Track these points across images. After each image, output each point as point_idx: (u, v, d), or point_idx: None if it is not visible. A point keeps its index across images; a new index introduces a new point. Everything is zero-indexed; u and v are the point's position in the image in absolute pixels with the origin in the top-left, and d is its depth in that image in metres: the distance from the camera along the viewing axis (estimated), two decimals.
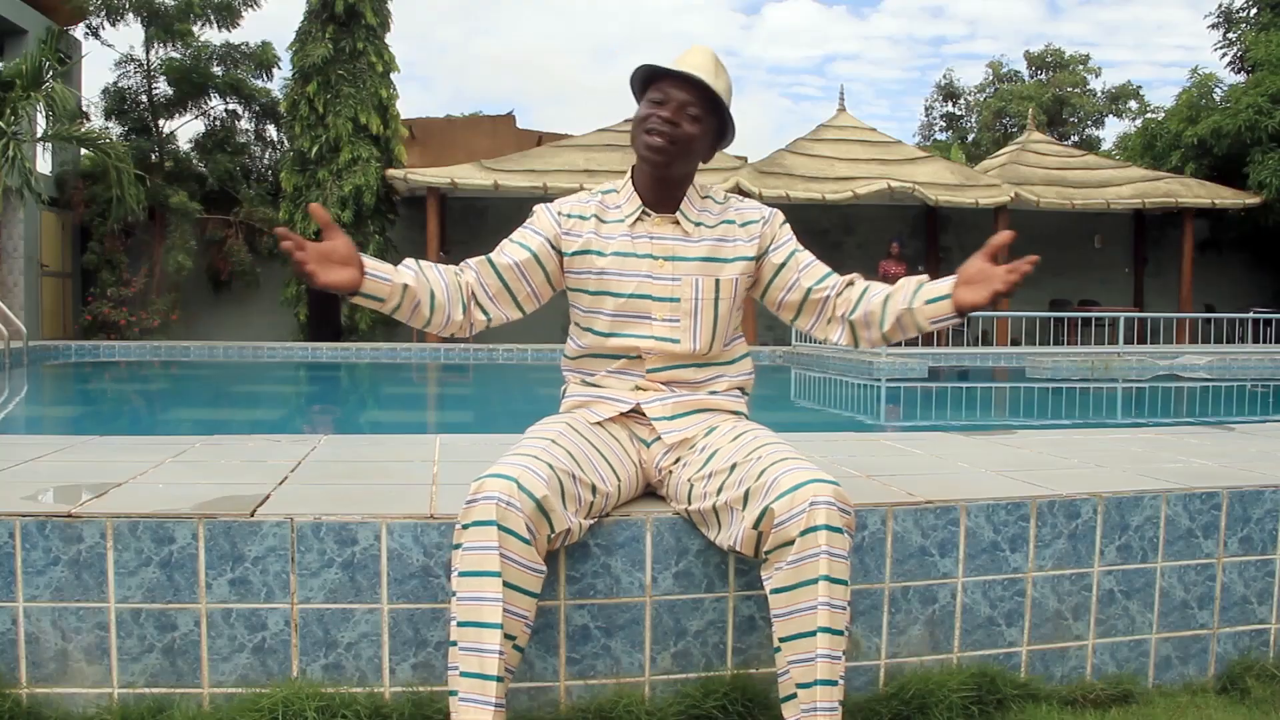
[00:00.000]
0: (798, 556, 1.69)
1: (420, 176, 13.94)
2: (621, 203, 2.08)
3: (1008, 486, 2.25)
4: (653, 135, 1.95)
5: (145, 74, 15.32)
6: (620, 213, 2.07)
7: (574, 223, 2.07)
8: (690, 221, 2.05)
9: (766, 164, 14.71)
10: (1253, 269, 17.57)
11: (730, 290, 2.06)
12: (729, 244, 2.06)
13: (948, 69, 42.89)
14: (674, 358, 2.06)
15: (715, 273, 2.05)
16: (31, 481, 2.17)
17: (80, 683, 1.86)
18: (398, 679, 1.91)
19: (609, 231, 2.06)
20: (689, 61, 1.97)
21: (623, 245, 2.04)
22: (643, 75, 2.01)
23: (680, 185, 2.06)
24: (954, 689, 1.99)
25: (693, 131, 1.96)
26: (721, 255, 2.05)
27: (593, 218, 2.07)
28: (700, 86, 1.95)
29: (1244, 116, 15.26)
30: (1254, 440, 3.12)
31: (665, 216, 2.06)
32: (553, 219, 2.08)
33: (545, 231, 2.07)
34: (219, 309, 15.49)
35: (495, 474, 1.72)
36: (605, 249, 2.05)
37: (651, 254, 2.04)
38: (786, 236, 2.11)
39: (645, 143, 1.97)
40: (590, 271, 2.05)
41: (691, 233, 2.05)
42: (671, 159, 1.97)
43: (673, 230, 2.05)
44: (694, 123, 1.96)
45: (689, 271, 2.04)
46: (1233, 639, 2.29)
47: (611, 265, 2.04)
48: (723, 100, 1.99)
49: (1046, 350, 12.15)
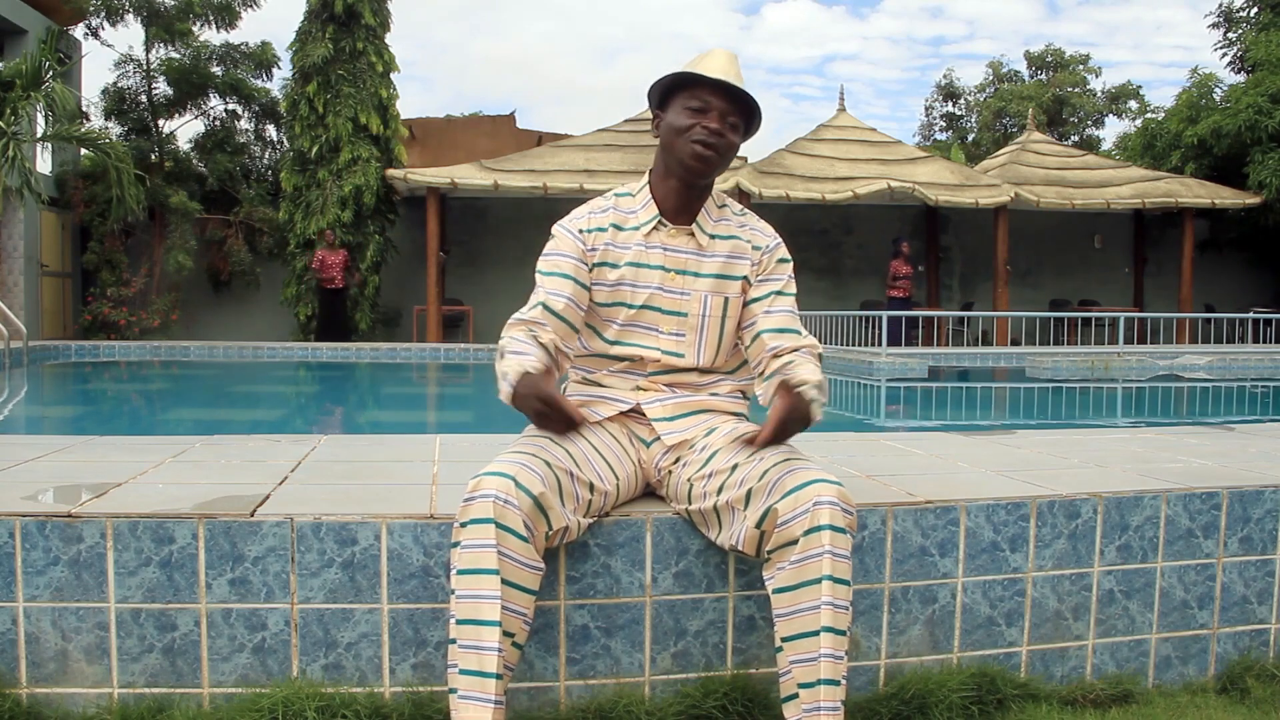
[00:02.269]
0: (801, 556, 1.69)
1: (420, 176, 13.94)
2: (638, 208, 2.05)
3: (1008, 486, 2.25)
4: (700, 146, 1.92)
5: (145, 74, 15.33)
6: (636, 219, 2.05)
7: (593, 237, 2.04)
8: (705, 234, 2.04)
9: (766, 164, 14.71)
10: (1253, 269, 17.58)
11: (737, 309, 2.05)
12: (739, 262, 2.04)
13: (948, 69, 42.87)
14: (677, 368, 2.06)
15: (724, 290, 2.03)
16: (31, 481, 2.17)
17: (80, 683, 1.86)
18: (398, 679, 1.91)
19: (624, 240, 2.04)
20: (717, 66, 1.93)
21: (637, 255, 2.03)
22: (675, 81, 1.97)
23: (703, 196, 2.04)
24: (954, 689, 1.99)
25: (735, 140, 1.96)
26: (732, 273, 2.04)
27: (610, 228, 2.05)
28: (737, 94, 1.94)
29: (1244, 116, 15.26)
30: (1254, 440, 3.11)
31: (681, 228, 2.04)
32: (574, 239, 2.04)
33: (573, 253, 2.02)
34: (219, 309, 15.50)
35: (492, 472, 1.72)
36: (620, 260, 2.03)
37: (664, 266, 2.02)
38: (779, 275, 2.06)
39: (693, 153, 1.93)
40: (604, 283, 2.03)
41: (705, 246, 2.03)
42: (713, 170, 1.96)
43: (687, 242, 2.04)
44: (735, 131, 1.96)
45: (700, 288, 2.02)
46: (1233, 639, 2.29)
47: (626, 276, 2.02)
48: (759, 108, 1.97)
49: (1046, 350, 12.15)
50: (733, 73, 1.94)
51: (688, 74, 1.94)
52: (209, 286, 15.33)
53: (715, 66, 1.94)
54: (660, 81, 1.99)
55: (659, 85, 2.00)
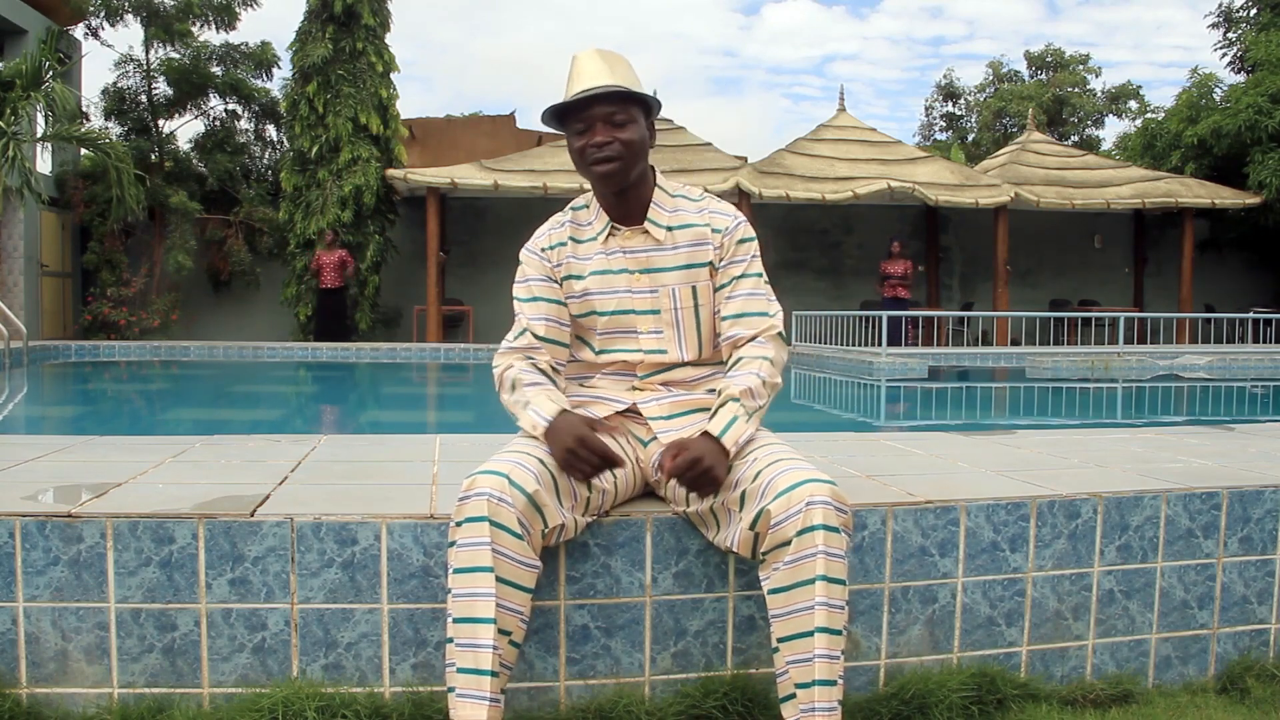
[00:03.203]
0: (794, 557, 1.69)
1: (420, 176, 13.94)
2: (592, 219, 2.07)
3: (1008, 486, 2.25)
4: (598, 164, 1.94)
5: (145, 74, 15.32)
6: (592, 229, 2.06)
7: (555, 253, 2.07)
8: (661, 228, 2.03)
9: (766, 164, 14.71)
10: (1253, 269, 17.57)
11: (709, 295, 2.05)
12: (703, 248, 2.04)
13: (948, 69, 42.89)
14: (665, 365, 2.06)
15: (693, 279, 2.03)
16: (31, 481, 2.17)
17: (80, 683, 1.86)
18: (398, 679, 1.91)
19: (584, 252, 2.06)
20: (584, 74, 1.93)
21: (599, 263, 2.04)
22: (554, 114, 1.99)
23: (642, 191, 2.03)
24: (954, 689, 1.99)
25: (629, 136, 1.94)
26: (697, 260, 2.04)
27: (569, 241, 2.07)
28: (610, 93, 1.92)
29: (1244, 116, 15.26)
30: (1254, 440, 3.11)
31: (635, 228, 2.04)
32: (539, 259, 2.07)
33: (540, 275, 2.06)
34: (219, 309, 15.49)
35: (486, 470, 1.73)
36: (583, 271, 2.04)
37: (627, 268, 2.03)
38: (740, 256, 2.04)
39: (596, 174, 1.95)
40: (574, 295, 2.05)
41: (664, 240, 2.03)
42: (627, 171, 1.96)
43: (644, 241, 2.04)
44: (624, 127, 1.94)
45: (666, 282, 2.03)
46: (1233, 639, 2.29)
47: (592, 285, 2.04)
48: (633, 89, 1.94)
49: (1046, 350, 12.14)
50: (600, 72, 1.92)
51: (558, 104, 1.95)
52: (209, 286, 15.33)
53: (582, 76, 1.93)
54: (545, 116, 2.01)
55: (549, 120, 2.02)
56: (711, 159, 14.95)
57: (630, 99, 1.95)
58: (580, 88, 1.92)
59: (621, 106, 1.94)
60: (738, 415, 1.86)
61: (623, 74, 1.94)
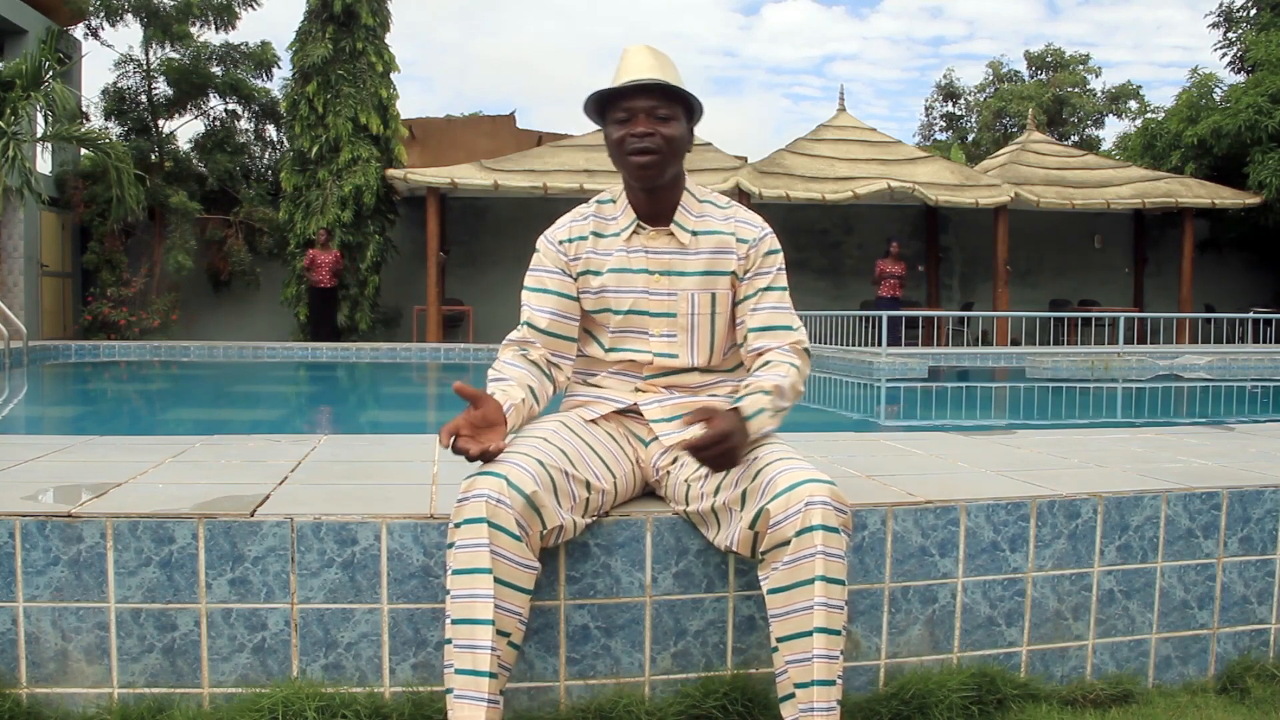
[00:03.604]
0: (793, 557, 1.69)
1: (420, 176, 13.94)
2: (618, 214, 2.06)
3: (1008, 486, 2.25)
4: (636, 155, 1.93)
5: (145, 74, 15.32)
6: (616, 225, 2.05)
7: (574, 246, 2.06)
8: (686, 231, 2.03)
9: (766, 164, 14.71)
10: (1253, 269, 17.58)
11: (726, 304, 2.05)
12: (725, 256, 2.03)
13: (948, 69, 42.84)
14: (674, 369, 2.06)
15: (712, 286, 2.03)
16: (31, 481, 2.17)
17: (80, 683, 1.86)
18: (398, 679, 1.91)
19: (606, 247, 2.05)
20: (632, 67, 1.94)
21: (619, 261, 2.03)
22: (596, 102, 1.98)
23: (673, 192, 2.03)
24: (954, 689, 1.99)
25: (671, 132, 1.94)
26: (718, 268, 2.03)
27: (590, 235, 2.06)
28: (657, 86, 1.92)
29: (1244, 116, 15.26)
30: (1254, 440, 3.11)
31: (660, 229, 2.04)
32: (556, 251, 2.06)
33: (554, 267, 2.05)
34: (219, 309, 15.49)
35: (485, 471, 1.73)
36: (602, 267, 2.04)
37: (647, 269, 2.03)
38: (766, 268, 2.04)
39: (632, 164, 1.94)
40: (589, 291, 2.04)
41: (688, 244, 2.03)
42: (664, 167, 1.96)
43: (668, 243, 2.03)
44: (667, 123, 1.94)
45: (686, 286, 2.02)
46: (1233, 639, 2.29)
47: (610, 282, 2.03)
48: (683, 89, 1.95)
49: (1046, 350, 12.14)
50: (649, 66, 1.93)
51: (605, 90, 1.95)
52: (209, 286, 15.32)
53: (631, 68, 1.93)
54: (587, 110, 2.01)
55: (590, 112, 2.01)
56: (712, 159, 14.95)
57: (675, 96, 1.95)
58: (628, 78, 1.92)
59: (666, 102, 1.94)
60: (765, 408, 1.86)
61: (671, 73, 1.95)
